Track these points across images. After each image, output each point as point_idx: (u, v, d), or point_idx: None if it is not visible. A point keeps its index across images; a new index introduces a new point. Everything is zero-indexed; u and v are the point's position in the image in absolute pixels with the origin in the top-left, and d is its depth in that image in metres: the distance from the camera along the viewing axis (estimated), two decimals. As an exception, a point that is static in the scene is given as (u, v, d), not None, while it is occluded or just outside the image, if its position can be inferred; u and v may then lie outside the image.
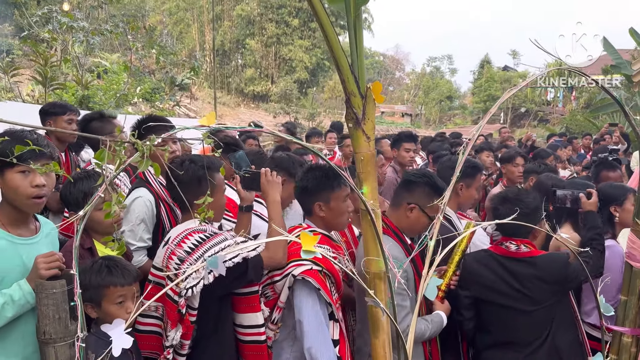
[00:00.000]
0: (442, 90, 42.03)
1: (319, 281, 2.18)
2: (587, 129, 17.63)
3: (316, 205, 2.39)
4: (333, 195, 2.37)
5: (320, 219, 2.41)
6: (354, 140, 1.84)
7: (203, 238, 2.16)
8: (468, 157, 3.92)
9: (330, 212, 2.39)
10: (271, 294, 2.30)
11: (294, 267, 2.22)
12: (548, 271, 2.46)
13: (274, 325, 2.29)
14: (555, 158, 6.80)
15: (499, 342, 2.67)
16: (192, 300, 2.08)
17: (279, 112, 28.20)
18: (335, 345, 2.19)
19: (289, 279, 2.21)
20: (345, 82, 1.75)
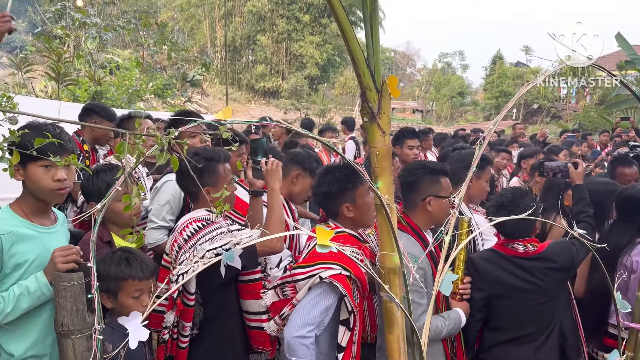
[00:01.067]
0: (454, 86, 41.86)
1: (346, 287, 2.12)
2: (601, 125, 17.44)
3: (344, 207, 2.33)
4: (358, 193, 2.33)
5: (349, 220, 2.36)
6: (369, 135, 1.83)
7: (200, 226, 2.24)
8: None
9: (358, 211, 2.34)
10: (290, 292, 2.25)
11: (322, 269, 2.14)
12: (558, 261, 2.49)
13: (281, 320, 2.27)
14: (570, 154, 6.74)
15: (510, 337, 2.64)
16: (187, 285, 2.16)
17: (290, 108, 28.23)
18: (340, 351, 2.17)
19: (313, 280, 2.14)
20: (361, 76, 1.74)
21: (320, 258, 2.18)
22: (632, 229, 2.85)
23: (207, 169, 2.31)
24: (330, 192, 2.35)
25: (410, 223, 2.47)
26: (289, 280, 2.23)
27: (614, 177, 3.81)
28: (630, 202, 2.89)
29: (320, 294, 2.16)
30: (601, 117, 19.38)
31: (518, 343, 2.59)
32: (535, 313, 2.54)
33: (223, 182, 2.32)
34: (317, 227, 1.71)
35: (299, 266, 2.22)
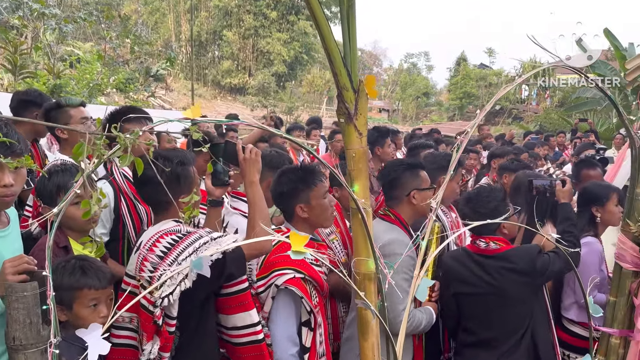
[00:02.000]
0: (419, 86, 42.36)
1: (302, 289, 2.15)
2: (561, 127, 17.93)
3: (298, 207, 2.34)
4: (312, 194, 2.33)
5: (304, 221, 2.36)
6: (345, 136, 1.77)
7: (176, 239, 1.93)
8: (448, 152, 3.93)
9: (312, 212, 2.34)
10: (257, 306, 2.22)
11: (277, 276, 2.17)
12: (517, 262, 2.49)
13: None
14: (533, 156, 6.87)
15: (478, 340, 2.68)
16: (169, 309, 1.88)
17: (257, 105, 27.98)
18: (305, 352, 2.18)
19: (272, 290, 2.17)
20: (338, 76, 1.68)
21: (274, 266, 2.20)
22: (584, 218, 3.00)
23: (184, 175, 2.07)
24: (284, 192, 2.36)
25: (399, 217, 2.57)
26: (253, 293, 2.20)
27: (579, 179, 3.88)
28: (585, 194, 3.06)
29: (287, 303, 2.18)
30: (562, 119, 19.95)
31: (483, 347, 2.62)
32: (498, 317, 2.54)
33: (193, 186, 2.11)
34: (292, 233, 1.64)
35: (258, 278, 2.23)
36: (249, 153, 2.16)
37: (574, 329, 2.90)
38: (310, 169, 2.40)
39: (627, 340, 2.07)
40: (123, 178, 2.82)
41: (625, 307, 2.05)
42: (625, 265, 2.02)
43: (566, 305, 2.96)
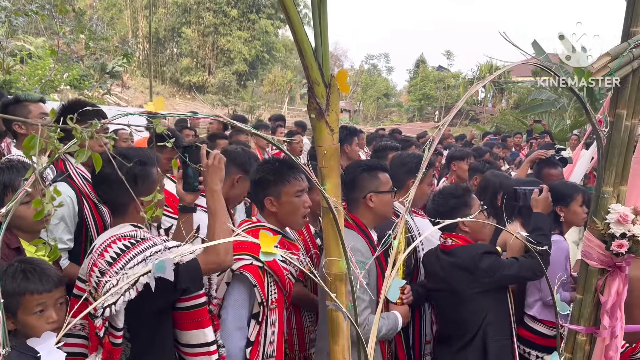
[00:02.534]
0: (380, 87, 42.79)
1: (257, 277, 2.07)
2: (517, 128, 18.46)
3: (267, 199, 2.28)
4: (284, 190, 2.26)
5: (272, 215, 2.30)
6: (316, 133, 1.71)
7: (127, 245, 1.83)
8: (417, 153, 3.92)
9: (281, 208, 2.27)
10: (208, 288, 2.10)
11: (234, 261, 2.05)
12: (461, 258, 2.56)
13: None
14: (493, 156, 7.01)
15: (439, 335, 2.85)
16: (114, 319, 1.76)
17: (217, 103, 27.57)
18: (248, 346, 2.10)
19: (227, 274, 2.10)
20: (309, 69, 1.61)
21: (233, 250, 2.03)
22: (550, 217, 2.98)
23: (142, 176, 1.95)
24: (257, 180, 2.31)
25: (357, 221, 2.50)
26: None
27: (540, 178, 3.96)
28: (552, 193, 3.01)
29: (240, 291, 2.11)
30: (517, 120, 20.54)
31: (441, 342, 2.76)
32: (452, 314, 2.62)
33: (155, 187, 1.94)
34: (261, 233, 1.57)
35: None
36: (213, 159, 2.02)
37: (536, 326, 2.93)
38: (289, 163, 2.31)
39: (593, 337, 2.08)
40: (82, 179, 2.69)
41: (591, 304, 2.06)
42: (592, 262, 2.03)
43: (530, 303, 2.99)
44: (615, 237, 1.93)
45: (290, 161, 2.28)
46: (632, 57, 1.89)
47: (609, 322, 1.98)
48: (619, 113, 1.96)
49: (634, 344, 2.42)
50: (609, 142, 1.98)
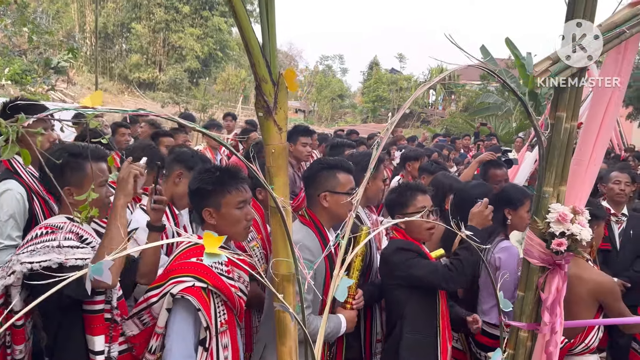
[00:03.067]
0: (334, 88, 43.02)
1: (200, 300, 1.89)
2: (465, 130, 19.00)
3: (205, 211, 2.08)
4: (224, 201, 2.07)
5: (211, 227, 2.08)
6: (264, 131, 1.68)
7: (39, 234, 1.87)
8: (369, 151, 3.96)
9: (221, 220, 2.08)
10: (149, 320, 1.96)
11: (173, 284, 1.89)
12: (385, 250, 2.66)
13: (152, 355, 1.97)
14: (442, 157, 7.17)
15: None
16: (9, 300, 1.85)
17: (168, 101, 26.90)
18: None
19: (167, 300, 1.89)
20: (256, 66, 1.58)
21: (172, 273, 1.94)
22: (496, 219, 3.04)
23: (69, 166, 1.94)
24: (195, 190, 2.12)
25: (314, 218, 2.44)
26: (144, 306, 1.94)
27: (486, 178, 4.07)
28: (501, 196, 3.14)
29: (184, 316, 1.92)
30: (466, 123, 21.14)
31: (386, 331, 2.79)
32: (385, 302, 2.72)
33: (90, 183, 1.85)
34: (206, 233, 1.52)
35: (153, 287, 1.95)
36: (124, 170, 1.92)
37: (493, 331, 2.96)
38: (231, 172, 2.15)
39: (534, 333, 2.14)
40: (31, 176, 2.67)
41: (533, 301, 2.12)
42: (533, 261, 2.09)
43: (485, 310, 3.03)
44: (555, 236, 1.99)
45: (233, 170, 2.19)
46: (572, 62, 1.95)
47: (549, 318, 2.04)
48: (559, 116, 2.02)
49: (572, 339, 2.51)
50: (550, 143, 2.04)
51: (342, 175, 2.45)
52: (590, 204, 2.20)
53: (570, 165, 2.08)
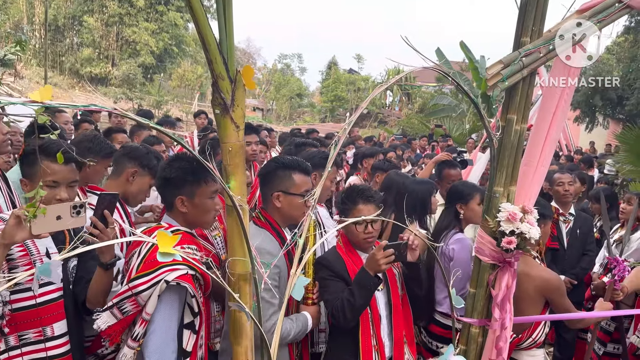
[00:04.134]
0: (293, 87, 42.93)
1: (194, 287, 1.96)
2: (421, 131, 19.37)
3: (178, 199, 2.11)
4: (199, 191, 2.11)
5: (182, 215, 2.14)
6: (220, 129, 1.65)
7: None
8: (324, 150, 3.96)
9: (193, 209, 2.12)
10: (132, 308, 1.91)
11: (167, 272, 1.89)
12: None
13: (134, 341, 1.94)
14: (397, 157, 7.29)
15: None
16: None
17: (121, 97, 26.16)
18: (185, 357, 1.98)
19: (160, 287, 1.88)
20: (213, 63, 1.56)
21: (159, 263, 1.90)
22: (450, 214, 3.16)
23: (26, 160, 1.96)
24: (170, 178, 2.12)
25: (269, 219, 2.37)
26: (128, 295, 1.90)
27: (441, 178, 4.16)
28: (452, 192, 3.23)
29: (173, 302, 1.95)
30: (421, 124, 21.55)
31: None
32: None
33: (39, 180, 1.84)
34: (159, 233, 1.49)
35: (139, 276, 1.92)
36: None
37: (446, 321, 3.01)
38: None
39: (485, 329, 2.21)
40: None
41: (484, 298, 2.19)
42: (484, 258, 2.15)
43: (439, 300, 3.10)
44: (505, 234, 2.05)
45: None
46: (522, 66, 2.02)
47: (500, 314, 2.10)
48: (510, 118, 2.09)
49: (520, 334, 2.60)
50: (501, 144, 2.11)
51: (298, 176, 2.38)
52: (538, 203, 2.29)
53: (521, 166, 2.16)
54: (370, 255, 2.27)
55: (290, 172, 2.38)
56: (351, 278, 2.34)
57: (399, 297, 2.47)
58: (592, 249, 4.22)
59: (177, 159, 2.19)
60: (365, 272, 2.24)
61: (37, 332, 2.03)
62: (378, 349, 2.35)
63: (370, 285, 2.24)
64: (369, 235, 2.40)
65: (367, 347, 2.34)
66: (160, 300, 1.92)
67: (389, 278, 2.46)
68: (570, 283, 4.08)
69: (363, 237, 2.41)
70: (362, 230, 2.39)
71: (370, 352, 2.34)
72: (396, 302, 2.44)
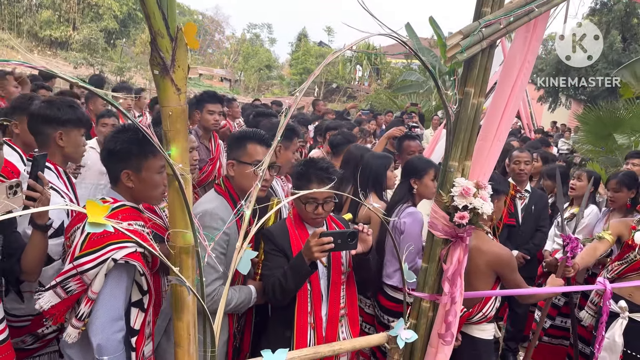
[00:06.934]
0: (262, 58, 42.16)
1: (144, 265, 1.89)
2: (389, 106, 19.38)
3: (124, 173, 2.00)
4: (146, 164, 2.00)
5: (127, 190, 2.03)
6: (160, 91, 1.54)
7: None
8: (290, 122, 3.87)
9: (140, 184, 2.02)
10: (77, 287, 1.82)
11: (115, 250, 1.81)
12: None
13: (79, 321, 1.85)
14: (362, 131, 7.23)
15: None
16: None
17: (82, 62, 25.17)
18: (133, 335, 1.92)
19: (107, 265, 1.81)
20: (151, 19, 1.44)
21: (109, 238, 1.83)
22: (404, 188, 3.14)
23: None
24: (115, 151, 1.99)
25: (229, 188, 2.40)
26: (73, 273, 1.80)
27: (400, 150, 4.14)
28: (407, 167, 3.22)
29: (120, 280, 1.86)
30: (389, 99, 21.56)
31: None
32: None
33: None
34: (89, 202, 1.38)
35: (84, 254, 1.82)
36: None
37: (396, 295, 3.03)
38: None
39: (436, 304, 2.20)
40: None
41: (435, 272, 2.17)
42: (437, 233, 2.13)
43: (389, 273, 3.09)
44: (458, 209, 2.03)
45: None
46: (482, 37, 1.96)
47: (450, 288, 2.09)
48: (467, 91, 2.04)
49: (470, 308, 2.61)
50: (457, 118, 2.06)
51: (252, 145, 2.37)
52: (492, 179, 2.27)
53: (477, 141, 2.12)
54: (305, 242, 2.17)
55: (245, 142, 2.38)
56: (294, 254, 2.28)
57: (341, 274, 2.41)
58: (545, 225, 4.31)
59: (122, 130, 2.05)
60: (301, 258, 2.16)
61: None
62: (315, 327, 2.31)
63: (303, 272, 2.17)
64: (317, 216, 2.33)
65: (302, 323, 2.30)
66: (107, 278, 1.83)
67: (332, 255, 2.39)
68: (523, 258, 4.16)
69: (312, 217, 2.35)
70: (311, 210, 2.32)
71: (305, 328, 2.30)
72: (336, 279, 2.38)
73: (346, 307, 2.43)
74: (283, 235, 2.38)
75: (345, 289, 2.43)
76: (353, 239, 2.14)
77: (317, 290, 2.32)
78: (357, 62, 34.64)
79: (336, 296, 2.37)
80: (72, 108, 2.56)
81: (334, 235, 2.12)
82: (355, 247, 2.18)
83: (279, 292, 2.20)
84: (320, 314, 2.32)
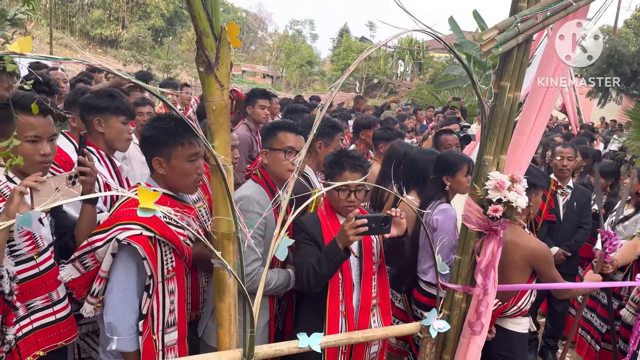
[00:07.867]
0: (303, 54, 42.40)
1: (146, 249, 1.92)
2: (431, 102, 19.16)
3: (155, 160, 2.10)
4: (175, 153, 2.07)
5: (161, 177, 2.13)
6: (205, 88, 1.65)
7: None
8: (328, 116, 3.94)
9: (171, 171, 2.10)
10: (92, 264, 1.95)
11: (120, 230, 1.90)
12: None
13: (94, 298, 1.98)
14: (402, 127, 7.22)
15: None
16: None
17: (130, 60, 26.02)
18: (140, 319, 1.98)
19: (112, 245, 1.90)
20: (197, 19, 1.54)
21: (120, 219, 1.95)
22: (437, 185, 3.12)
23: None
24: (147, 138, 2.10)
25: (266, 177, 2.52)
26: (88, 250, 1.92)
27: (438, 145, 4.13)
28: (439, 163, 3.16)
29: (128, 262, 1.95)
30: (431, 95, 21.30)
31: None
32: None
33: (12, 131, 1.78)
34: (140, 188, 1.50)
35: (98, 232, 1.94)
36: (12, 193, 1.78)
37: (430, 290, 3.06)
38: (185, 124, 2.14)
39: (469, 296, 2.23)
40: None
41: (469, 265, 2.20)
42: (471, 226, 2.15)
43: (424, 269, 3.11)
44: (492, 202, 2.05)
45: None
46: (518, 32, 1.98)
47: (482, 280, 2.12)
48: (503, 85, 2.06)
49: (505, 302, 2.62)
50: (493, 112, 2.08)
51: (282, 133, 2.50)
52: (530, 173, 2.27)
53: (513, 135, 2.13)
54: (340, 227, 2.19)
55: (276, 131, 2.53)
56: (325, 243, 2.32)
57: (372, 264, 2.44)
58: (588, 222, 4.21)
59: (156, 119, 2.17)
60: (335, 244, 2.18)
61: (44, 299, 2.07)
62: (346, 315, 2.35)
63: (337, 257, 2.18)
64: (350, 204, 2.37)
65: (334, 312, 2.33)
66: (116, 259, 1.94)
67: (363, 245, 2.43)
68: (564, 255, 4.09)
69: (344, 205, 2.39)
70: (344, 197, 2.37)
71: (337, 317, 2.34)
72: (367, 269, 2.42)
73: (378, 296, 2.46)
74: (315, 224, 2.43)
75: (377, 279, 2.46)
76: (387, 224, 2.16)
77: (349, 279, 2.37)
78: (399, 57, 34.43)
79: (368, 285, 2.41)
80: (111, 97, 2.73)
81: (369, 219, 2.13)
82: (388, 231, 2.20)
83: (312, 278, 2.24)
84: (351, 303, 2.36)
